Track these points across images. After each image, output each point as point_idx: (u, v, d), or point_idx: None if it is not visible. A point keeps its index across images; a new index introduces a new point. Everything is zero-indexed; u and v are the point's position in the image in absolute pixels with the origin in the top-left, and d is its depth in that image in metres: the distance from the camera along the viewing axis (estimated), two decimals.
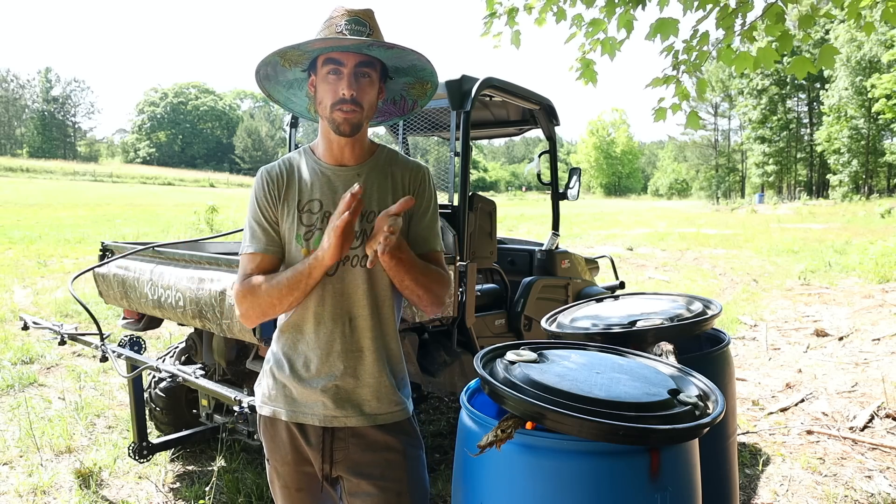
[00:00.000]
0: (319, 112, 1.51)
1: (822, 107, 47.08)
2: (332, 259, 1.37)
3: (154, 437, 3.31)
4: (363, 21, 1.47)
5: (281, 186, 1.54)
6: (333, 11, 1.49)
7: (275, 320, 1.61)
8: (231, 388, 2.60)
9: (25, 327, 3.34)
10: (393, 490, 1.53)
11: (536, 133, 4.43)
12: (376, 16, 1.52)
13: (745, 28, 3.35)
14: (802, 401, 4.47)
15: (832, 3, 3.23)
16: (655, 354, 1.80)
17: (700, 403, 1.37)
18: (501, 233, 4.52)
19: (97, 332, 3.05)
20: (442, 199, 3.42)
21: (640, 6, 3.53)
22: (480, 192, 3.66)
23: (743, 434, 3.88)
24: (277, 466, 1.60)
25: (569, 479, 1.28)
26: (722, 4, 3.35)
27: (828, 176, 50.66)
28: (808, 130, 55.32)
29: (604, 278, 5.90)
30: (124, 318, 3.35)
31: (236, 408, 2.35)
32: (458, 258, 3.16)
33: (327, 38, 1.41)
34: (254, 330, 2.40)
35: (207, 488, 3.01)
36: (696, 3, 3.36)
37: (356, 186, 1.31)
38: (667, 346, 1.86)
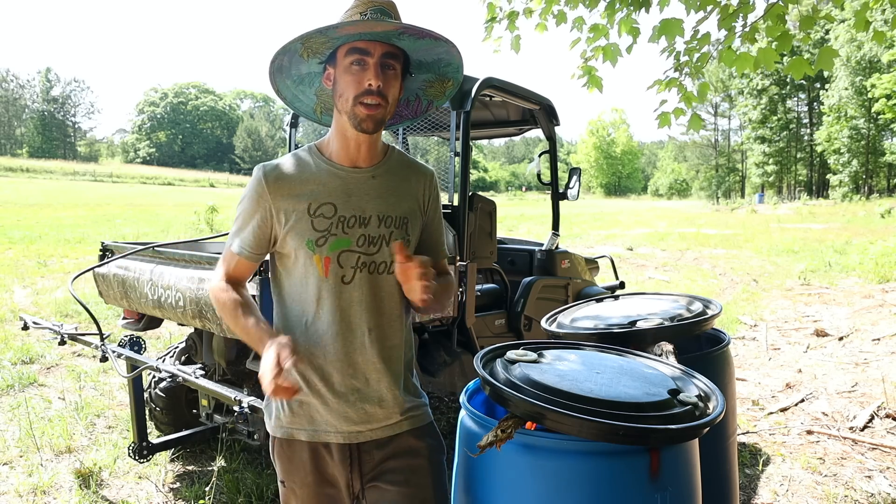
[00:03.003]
0: (339, 107, 1.41)
1: (822, 107, 47.08)
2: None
3: (154, 437, 3.31)
4: (388, 11, 1.40)
5: (283, 188, 1.42)
6: (355, 1, 1.41)
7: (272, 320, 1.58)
8: (231, 388, 2.60)
9: (25, 327, 3.34)
10: (418, 497, 1.47)
11: (536, 133, 4.42)
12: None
13: (747, 29, 3.35)
14: (802, 401, 4.47)
15: (832, 3, 3.23)
16: (655, 354, 1.80)
17: (700, 403, 1.37)
18: (501, 233, 4.52)
19: (97, 332, 3.05)
20: (442, 199, 3.42)
21: (642, 9, 3.53)
22: (480, 192, 3.66)
23: (743, 434, 3.88)
24: (296, 489, 1.51)
25: (569, 479, 1.28)
26: (723, 4, 3.35)
27: (828, 176, 50.66)
28: (808, 130, 55.33)
29: (604, 278, 5.90)
30: (124, 318, 3.35)
31: (236, 408, 2.35)
32: (458, 258, 3.16)
33: (358, 23, 1.31)
34: None
35: (207, 488, 3.01)
36: (697, 3, 3.36)
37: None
38: (667, 346, 1.87)
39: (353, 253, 1.43)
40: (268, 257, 1.52)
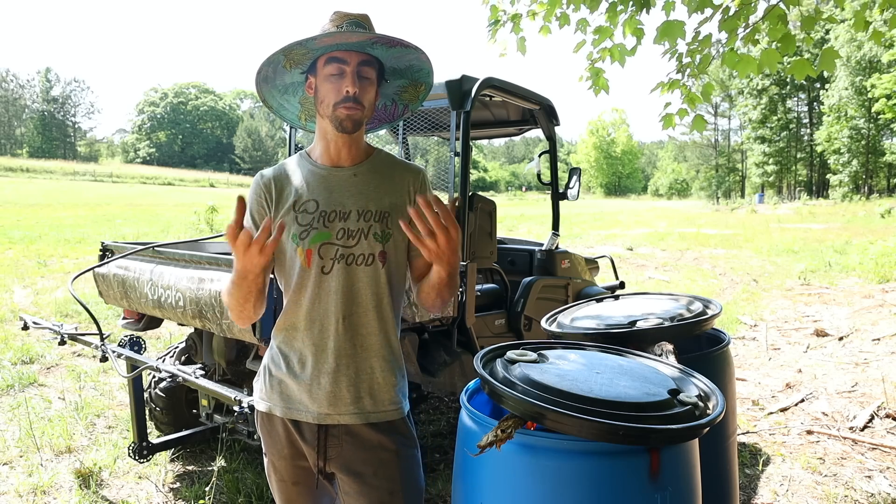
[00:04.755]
0: (320, 112, 1.53)
1: (822, 107, 47.07)
2: (241, 271, 1.36)
3: (154, 437, 3.31)
4: (362, 24, 1.51)
5: (273, 190, 1.56)
6: (332, 16, 1.53)
7: (273, 318, 1.63)
8: (231, 388, 2.60)
9: (25, 327, 3.34)
10: (385, 489, 1.54)
11: (536, 133, 4.42)
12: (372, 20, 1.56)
13: (748, 31, 3.34)
14: (802, 401, 4.47)
15: (834, 2, 3.23)
16: (655, 354, 1.80)
17: (700, 403, 1.37)
18: (501, 233, 4.52)
19: (97, 332, 3.05)
20: (442, 199, 3.42)
21: (643, 10, 3.52)
22: (480, 192, 3.66)
23: (743, 434, 3.88)
24: (274, 461, 1.63)
25: (569, 479, 1.28)
26: (724, 6, 3.34)
27: (828, 176, 50.66)
28: (808, 130, 55.32)
29: (604, 278, 5.90)
30: (124, 318, 3.35)
31: (236, 408, 2.35)
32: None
33: (335, 34, 1.42)
34: (253, 330, 2.40)
35: (207, 488, 3.01)
36: (694, 4, 3.35)
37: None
38: (667, 346, 1.87)
39: (332, 245, 1.53)
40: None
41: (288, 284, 1.56)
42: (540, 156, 4.31)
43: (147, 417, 3.28)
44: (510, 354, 1.53)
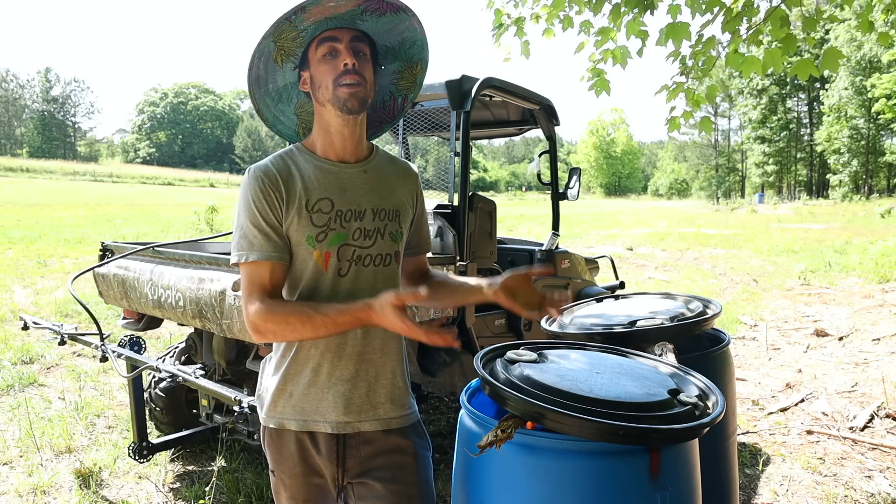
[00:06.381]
0: (319, 98, 1.43)
1: (822, 107, 47.09)
2: (376, 322, 1.33)
3: (154, 437, 3.31)
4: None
5: (281, 187, 1.41)
6: None
7: None
8: (231, 388, 2.60)
9: (25, 327, 3.34)
10: (405, 494, 1.49)
11: (536, 133, 4.43)
12: None
13: (751, 32, 3.34)
14: (802, 401, 4.47)
15: (833, 2, 3.23)
16: (656, 354, 1.80)
17: (700, 403, 1.37)
18: (501, 233, 4.52)
19: (97, 332, 3.05)
20: (442, 199, 3.42)
21: (647, 11, 3.52)
22: (480, 192, 3.66)
23: (743, 434, 3.88)
24: (284, 479, 1.54)
25: (569, 479, 1.28)
26: (727, 6, 3.34)
27: (828, 176, 50.68)
28: (808, 130, 55.33)
29: (604, 278, 5.90)
30: (124, 318, 3.35)
31: (236, 408, 2.35)
32: (458, 258, 3.16)
33: (321, 1, 1.32)
34: None
35: (207, 488, 3.01)
36: (703, 6, 3.35)
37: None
38: (667, 346, 1.87)
39: (349, 246, 1.46)
40: None
41: (294, 287, 1.46)
42: (540, 156, 4.31)
43: (147, 417, 3.28)
44: (510, 354, 1.53)
